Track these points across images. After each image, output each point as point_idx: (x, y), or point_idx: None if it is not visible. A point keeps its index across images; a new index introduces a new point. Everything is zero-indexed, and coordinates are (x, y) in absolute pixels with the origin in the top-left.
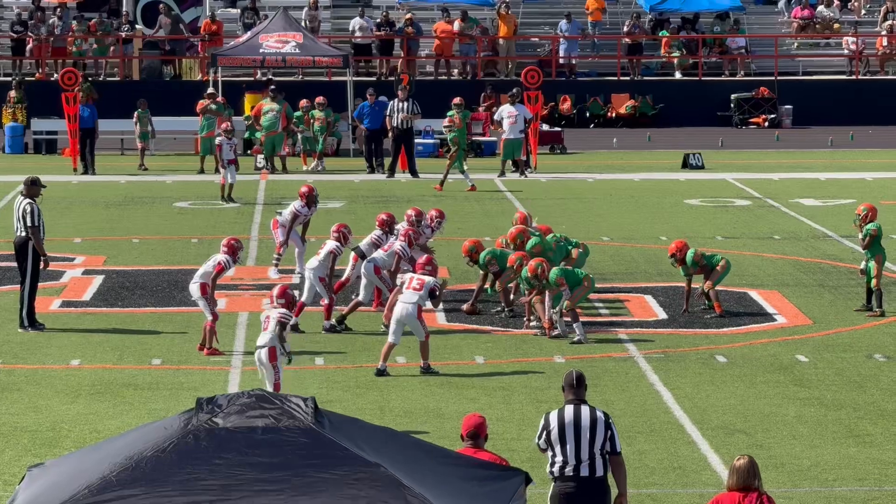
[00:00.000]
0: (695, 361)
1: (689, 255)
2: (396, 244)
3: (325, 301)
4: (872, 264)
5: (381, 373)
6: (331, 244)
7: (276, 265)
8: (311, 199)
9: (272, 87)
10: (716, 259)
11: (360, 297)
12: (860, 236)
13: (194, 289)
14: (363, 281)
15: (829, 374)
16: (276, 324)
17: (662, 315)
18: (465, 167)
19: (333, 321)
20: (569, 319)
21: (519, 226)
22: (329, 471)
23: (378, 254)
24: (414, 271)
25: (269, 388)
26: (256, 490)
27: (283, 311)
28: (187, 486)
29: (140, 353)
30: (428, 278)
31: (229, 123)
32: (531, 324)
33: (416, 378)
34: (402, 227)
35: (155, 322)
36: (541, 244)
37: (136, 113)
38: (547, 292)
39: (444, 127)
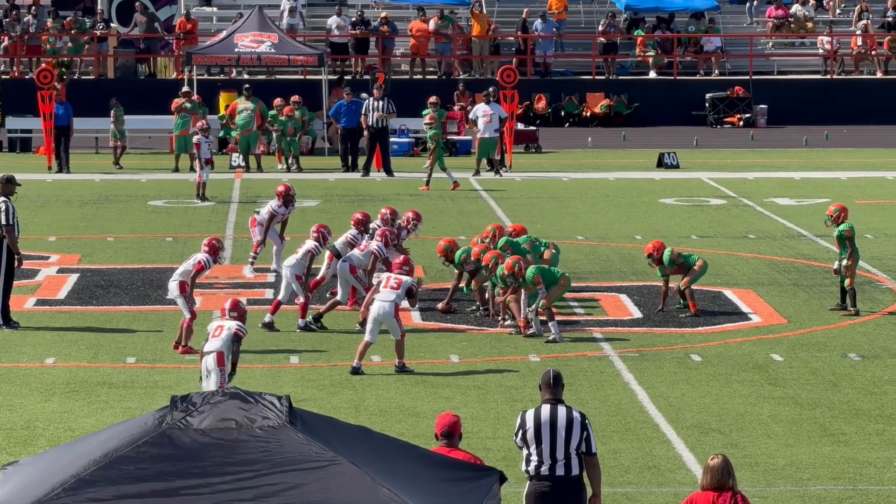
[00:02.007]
0: (670, 360)
1: (667, 254)
2: (373, 244)
3: (301, 300)
4: (846, 263)
5: (357, 371)
6: (309, 243)
7: (252, 264)
8: (287, 199)
9: (246, 85)
10: (693, 258)
11: (339, 297)
12: (834, 236)
13: (173, 286)
14: (339, 280)
15: (803, 374)
16: (232, 335)
17: (637, 314)
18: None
19: (309, 319)
20: (544, 318)
21: (495, 223)
22: (303, 469)
23: (354, 253)
24: (390, 271)
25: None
26: (230, 488)
27: (239, 323)
28: (161, 484)
29: (115, 352)
30: (405, 277)
31: (205, 122)
32: (506, 323)
33: (391, 377)
34: (376, 225)
35: (130, 321)
36: (511, 245)
37: (112, 112)
38: (523, 290)
39: (425, 124)
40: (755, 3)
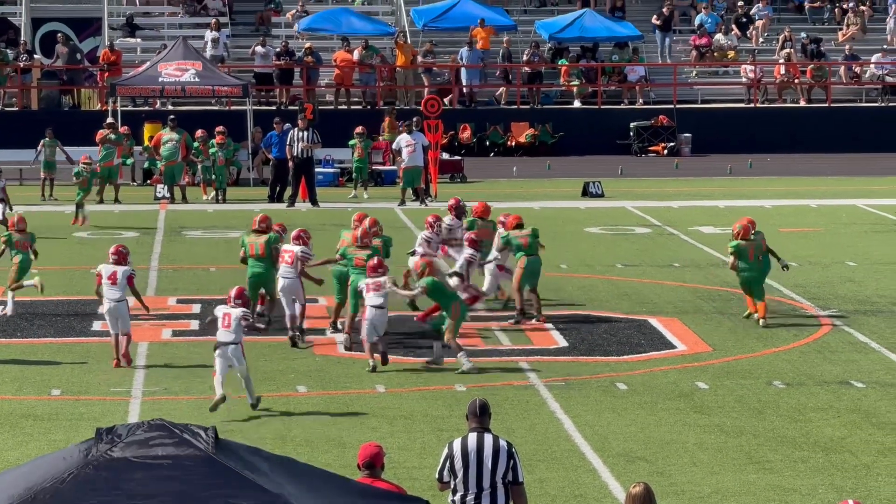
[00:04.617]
0: (595, 389)
1: (533, 236)
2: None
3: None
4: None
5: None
6: (297, 249)
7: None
8: (459, 211)
9: (171, 116)
10: (518, 256)
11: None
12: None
13: (122, 307)
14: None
15: (728, 401)
16: (239, 322)
17: (563, 343)
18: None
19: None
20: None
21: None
22: (230, 500)
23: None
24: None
25: (243, 381)
26: None
27: (245, 310)
28: None
29: (39, 384)
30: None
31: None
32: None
33: (318, 407)
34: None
35: (54, 352)
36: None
37: (42, 142)
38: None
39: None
40: (663, 36)
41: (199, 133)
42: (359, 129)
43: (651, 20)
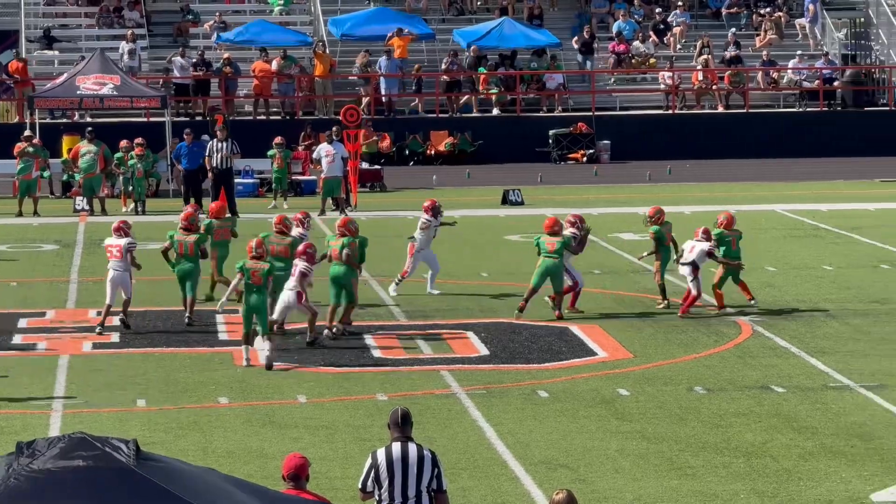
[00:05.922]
0: (517, 397)
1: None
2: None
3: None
4: (655, 263)
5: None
6: (301, 264)
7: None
8: (435, 210)
9: (89, 129)
10: None
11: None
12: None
13: None
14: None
15: (650, 408)
16: None
17: (484, 351)
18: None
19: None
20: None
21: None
22: None
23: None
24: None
25: None
26: None
27: None
28: None
29: None
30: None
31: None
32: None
33: (239, 418)
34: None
35: None
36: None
37: None
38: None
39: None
40: (584, 59)
41: (123, 143)
42: (278, 140)
43: (571, 40)
